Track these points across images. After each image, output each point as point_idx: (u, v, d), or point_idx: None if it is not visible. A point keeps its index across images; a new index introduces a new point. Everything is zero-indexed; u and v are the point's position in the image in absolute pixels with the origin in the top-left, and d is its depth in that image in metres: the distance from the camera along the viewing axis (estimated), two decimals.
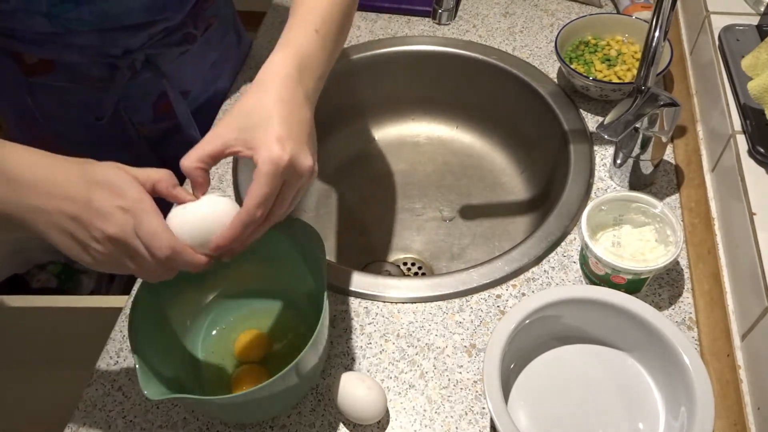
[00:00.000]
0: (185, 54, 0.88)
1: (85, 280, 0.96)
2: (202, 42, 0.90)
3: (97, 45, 0.78)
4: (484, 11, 1.06)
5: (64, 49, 0.78)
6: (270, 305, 0.70)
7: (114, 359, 0.69)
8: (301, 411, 0.64)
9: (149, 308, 0.61)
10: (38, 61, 0.79)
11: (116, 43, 0.79)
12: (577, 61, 0.91)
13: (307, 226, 0.64)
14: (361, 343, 0.68)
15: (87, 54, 0.79)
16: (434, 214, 1.00)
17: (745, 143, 0.67)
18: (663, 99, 0.69)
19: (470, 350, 0.67)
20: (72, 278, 0.95)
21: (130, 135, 0.90)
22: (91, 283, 0.96)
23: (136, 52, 0.82)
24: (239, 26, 1.02)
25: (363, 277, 0.73)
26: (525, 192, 0.99)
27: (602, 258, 0.65)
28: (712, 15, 0.81)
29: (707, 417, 0.54)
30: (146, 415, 0.64)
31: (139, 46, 0.81)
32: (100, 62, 0.81)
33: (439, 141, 1.08)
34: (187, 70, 0.90)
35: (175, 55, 0.86)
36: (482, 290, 0.72)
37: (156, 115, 0.90)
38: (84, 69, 0.81)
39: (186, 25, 0.85)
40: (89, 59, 0.80)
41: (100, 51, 0.79)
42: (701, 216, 0.72)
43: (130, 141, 0.90)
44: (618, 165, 0.79)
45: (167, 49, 0.85)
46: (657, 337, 0.60)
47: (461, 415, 0.63)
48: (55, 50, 0.78)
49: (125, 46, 0.80)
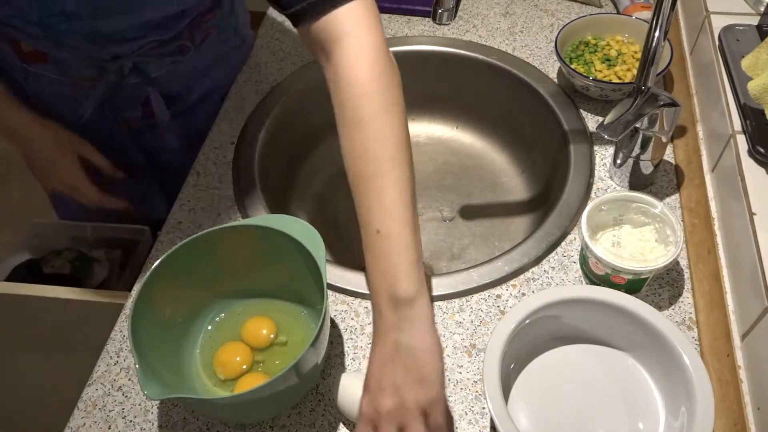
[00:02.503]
0: (176, 64, 0.88)
1: (97, 268, 0.98)
2: (196, 52, 0.89)
3: (87, 49, 0.80)
4: (484, 11, 1.06)
5: (55, 47, 0.80)
6: (270, 305, 0.70)
7: (114, 359, 0.69)
8: (301, 411, 0.64)
9: (149, 308, 0.61)
10: (33, 50, 0.81)
11: (104, 49, 0.81)
12: (577, 61, 0.91)
13: (307, 226, 0.64)
14: (361, 343, 0.68)
15: (77, 54, 0.81)
16: (434, 214, 1.00)
17: (745, 143, 0.67)
18: (663, 99, 0.69)
19: (470, 350, 0.67)
20: (85, 266, 0.97)
21: (113, 129, 0.92)
22: (104, 272, 0.98)
23: (124, 58, 0.82)
24: (245, 29, 1.00)
25: (363, 277, 0.73)
26: (525, 192, 0.99)
27: (602, 258, 0.65)
28: (712, 15, 0.81)
29: (707, 417, 0.54)
30: (146, 415, 0.64)
31: (128, 54, 0.82)
32: (89, 63, 0.82)
33: (439, 141, 1.08)
34: (177, 79, 0.90)
35: (165, 64, 0.87)
36: (482, 290, 0.72)
37: (145, 112, 0.91)
38: (74, 66, 0.83)
39: (181, 37, 0.85)
40: (78, 59, 0.82)
41: (90, 54, 0.81)
42: (701, 216, 0.72)
43: (113, 133, 0.93)
44: (618, 165, 0.79)
45: (157, 59, 0.85)
46: (657, 337, 0.60)
47: (461, 415, 0.63)
48: (47, 46, 0.80)
49: (114, 53, 0.82)
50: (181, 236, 0.79)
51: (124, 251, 1.00)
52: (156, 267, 0.61)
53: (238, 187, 0.84)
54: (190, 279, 0.66)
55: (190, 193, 0.84)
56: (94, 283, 0.96)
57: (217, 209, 0.82)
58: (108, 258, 0.99)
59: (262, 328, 0.67)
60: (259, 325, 0.67)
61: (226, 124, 0.92)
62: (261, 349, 0.67)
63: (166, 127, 0.94)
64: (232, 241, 0.65)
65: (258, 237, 0.65)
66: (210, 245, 0.64)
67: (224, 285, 0.69)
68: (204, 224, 0.80)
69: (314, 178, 1.03)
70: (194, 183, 0.85)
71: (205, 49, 0.91)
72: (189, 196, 0.83)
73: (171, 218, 0.81)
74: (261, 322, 0.68)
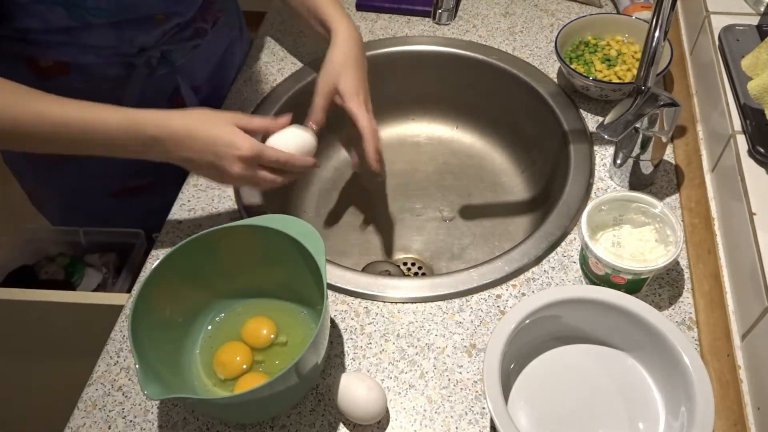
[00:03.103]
0: (197, 48, 0.89)
1: (92, 273, 0.97)
2: (211, 36, 0.91)
3: (114, 45, 0.79)
4: (484, 11, 1.06)
5: (80, 51, 0.78)
6: (270, 305, 0.70)
7: (114, 359, 0.69)
8: (301, 411, 0.64)
9: (149, 308, 0.61)
10: (53, 63, 0.79)
11: (132, 41, 0.80)
12: (577, 61, 0.91)
13: (307, 226, 0.64)
14: (361, 343, 0.68)
15: (103, 54, 0.79)
16: (434, 214, 1.00)
17: (745, 143, 0.67)
18: (663, 99, 0.69)
19: (470, 350, 0.67)
20: (79, 271, 0.97)
21: None
22: (99, 277, 0.97)
23: (151, 49, 0.82)
24: (242, 21, 1.03)
25: (363, 277, 0.73)
26: (525, 192, 0.99)
27: (602, 258, 0.65)
28: (712, 15, 0.81)
29: (707, 417, 0.54)
30: (146, 415, 0.65)
31: (154, 43, 0.82)
32: (116, 62, 0.81)
33: (439, 141, 1.08)
34: (198, 65, 0.91)
35: (187, 49, 0.88)
36: (482, 290, 0.72)
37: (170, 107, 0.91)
38: (100, 70, 0.81)
39: (196, 20, 0.87)
40: (105, 60, 0.80)
41: (117, 51, 0.80)
42: (701, 216, 0.72)
43: None
44: (618, 165, 0.79)
45: (180, 44, 0.86)
46: (657, 337, 0.60)
47: (461, 415, 0.63)
48: (70, 52, 0.78)
49: (140, 45, 0.81)
50: (180, 236, 0.79)
51: (118, 255, 0.99)
52: (156, 267, 0.61)
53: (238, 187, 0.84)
54: (190, 279, 0.66)
55: (190, 193, 0.84)
56: (89, 289, 0.96)
57: (217, 209, 0.82)
58: (102, 263, 0.98)
59: (262, 328, 0.67)
60: (260, 325, 0.67)
61: None
62: (261, 349, 0.67)
63: None
64: (232, 241, 0.65)
65: (258, 237, 0.65)
66: (210, 245, 0.64)
67: (224, 285, 0.69)
68: (204, 224, 0.80)
69: (314, 178, 1.03)
70: (194, 183, 0.85)
71: (217, 34, 0.93)
72: (189, 196, 0.83)
73: (171, 218, 0.81)
74: (261, 322, 0.68)
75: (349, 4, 1.09)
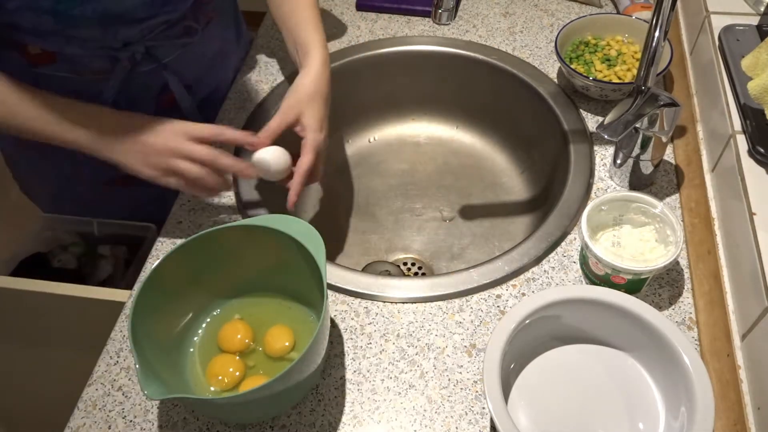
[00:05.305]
0: (186, 47, 0.89)
1: (102, 264, 0.98)
2: (202, 36, 0.90)
3: (99, 38, 0.79)
4: (484, 11, 1.06)
5: (66, 42, 0.79)
6: (270, 305, 0.70)
7: (114, 359, 0.69)
8: (301, 411, 0.64)
9: (149, 308, 0.61)
10: (41, 51, 0.80)
11: (116, 36, 0.80)
12: (577, 61, 0.91)
13: (307, 226, 0.64)
14: (361, 343, 0.68)
15: (88, 47, 0.80)
16: (434, 214, 1.00)
17: (745, 143, 0.67)
18: (663, 99, 0.69)
19: (470, 350, 0.67)
20: (92, 261, 0.98)
21: None
22: (109, 268, 0.98)
23: (135, 44, 0.82)
24: (240, 22, 1.02)
25: (363, 277, 0.73)
26: (525, 192, 0.99)
27: (602, 258, 0.65)
28: (712, 15, 0.81)
29: (707, 417, 0.54)
30: (146, 415, 0.65)
31: (139, 39, 0.82)
32: (101, 55, 0.82)
33: (439, 141, 1.08)
34: (188, 64, 0.91)
35: (176, 48, 0.87)
36: (482, 290, 0.72)
37: (159, 108, 0.90)
38: (85, 61, 0.82)
39: (187, 18, 0.86)
40: (90, 52, 0.81)
41: (102, 44, 0.80)
42: (701, 216, 0.72)
43: None
44: (618, 165, 0.79)
45: (168, 41, 0.86)
46: (657, 337, 0.60)
47: (461, 415, 0.63)
48: (57, 43, 0.79)
49: (125, 39, 0.81)
50: (181, 236, 0.79)
51: (129, 248, 1.00)
52: (156, 267, 0.61)
53: (238, 187, 0.84)
54: (190, 279, 0.66)
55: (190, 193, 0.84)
56: (98, 279, 0.97)
57: (217, 209, 0.82)
58: (113, 254, 0.99)
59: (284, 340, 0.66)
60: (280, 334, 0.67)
61: (226, 123, 0.92)
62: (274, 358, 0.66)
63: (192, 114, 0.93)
64: (232, 240, 0.65)
65: (258, 237, 0.65)
66: (210, 245, 0.65)
67: (224, 285, 0.69)
68: (204, 224, 0.80)
69: None
70: None
71: (210, 34, 0.92)
72: (189, 195, 0.83)
73: (171, 218, 0.81)
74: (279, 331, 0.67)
75: (349, 4, 1.09)
